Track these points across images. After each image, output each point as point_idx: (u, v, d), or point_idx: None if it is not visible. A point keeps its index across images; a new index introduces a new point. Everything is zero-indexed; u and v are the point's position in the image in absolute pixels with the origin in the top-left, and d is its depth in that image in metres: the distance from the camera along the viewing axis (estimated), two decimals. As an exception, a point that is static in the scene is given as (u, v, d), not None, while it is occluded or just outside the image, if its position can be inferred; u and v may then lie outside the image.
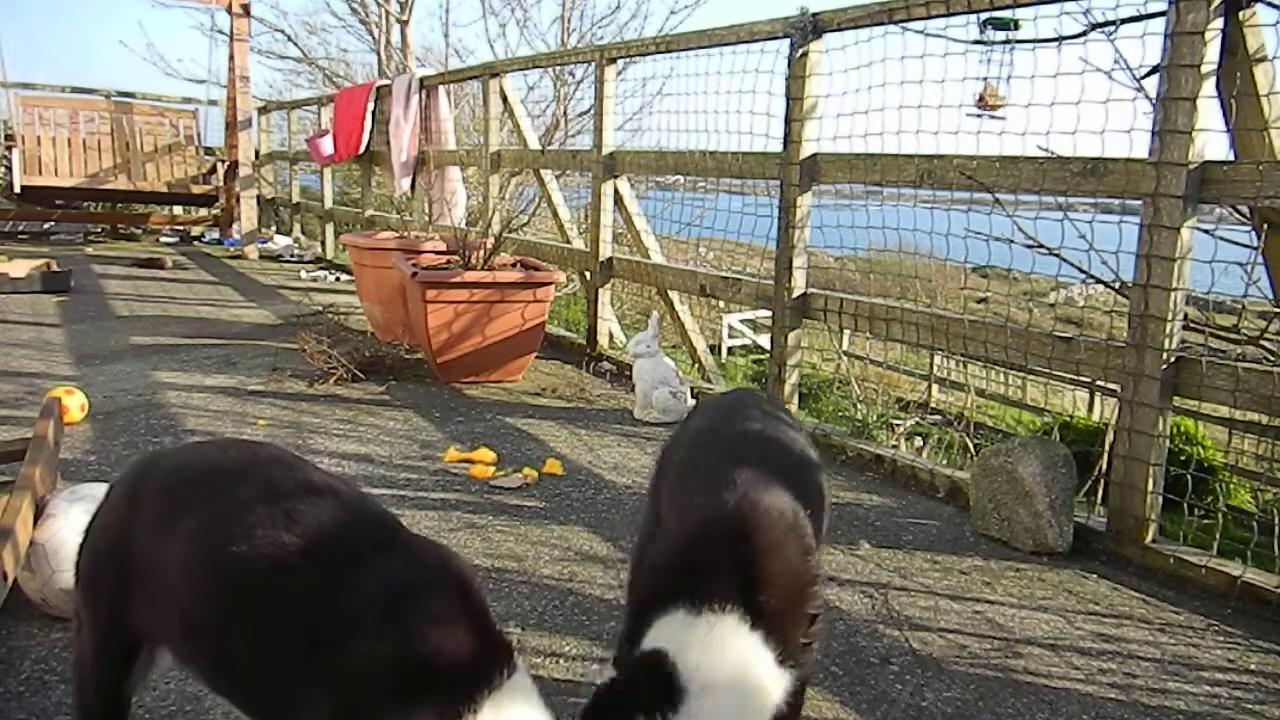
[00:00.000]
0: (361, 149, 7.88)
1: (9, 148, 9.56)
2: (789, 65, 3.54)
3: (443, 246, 4.92)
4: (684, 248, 8.01)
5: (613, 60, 4.82)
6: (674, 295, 4.92)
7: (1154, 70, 2.54)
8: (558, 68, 9.96)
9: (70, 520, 1.93)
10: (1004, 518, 2.66)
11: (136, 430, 3.34)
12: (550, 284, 4.42)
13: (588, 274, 5.09)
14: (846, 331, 4.88)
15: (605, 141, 4.77)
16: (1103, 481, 2.88)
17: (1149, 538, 2.50)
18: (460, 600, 1.11)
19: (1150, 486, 2.49)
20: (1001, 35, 3.17)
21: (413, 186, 7.15)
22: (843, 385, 5.86)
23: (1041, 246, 3.28)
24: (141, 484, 1.31)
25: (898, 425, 4.70)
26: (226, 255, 9.31)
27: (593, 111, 6.24)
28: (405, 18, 12.17)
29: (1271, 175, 2.26)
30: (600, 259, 4.84)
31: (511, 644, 1.12)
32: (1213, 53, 2.35)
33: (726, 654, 1.17)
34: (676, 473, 1.61)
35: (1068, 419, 7.32)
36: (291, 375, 4.20)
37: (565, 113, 10.53)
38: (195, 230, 10.78)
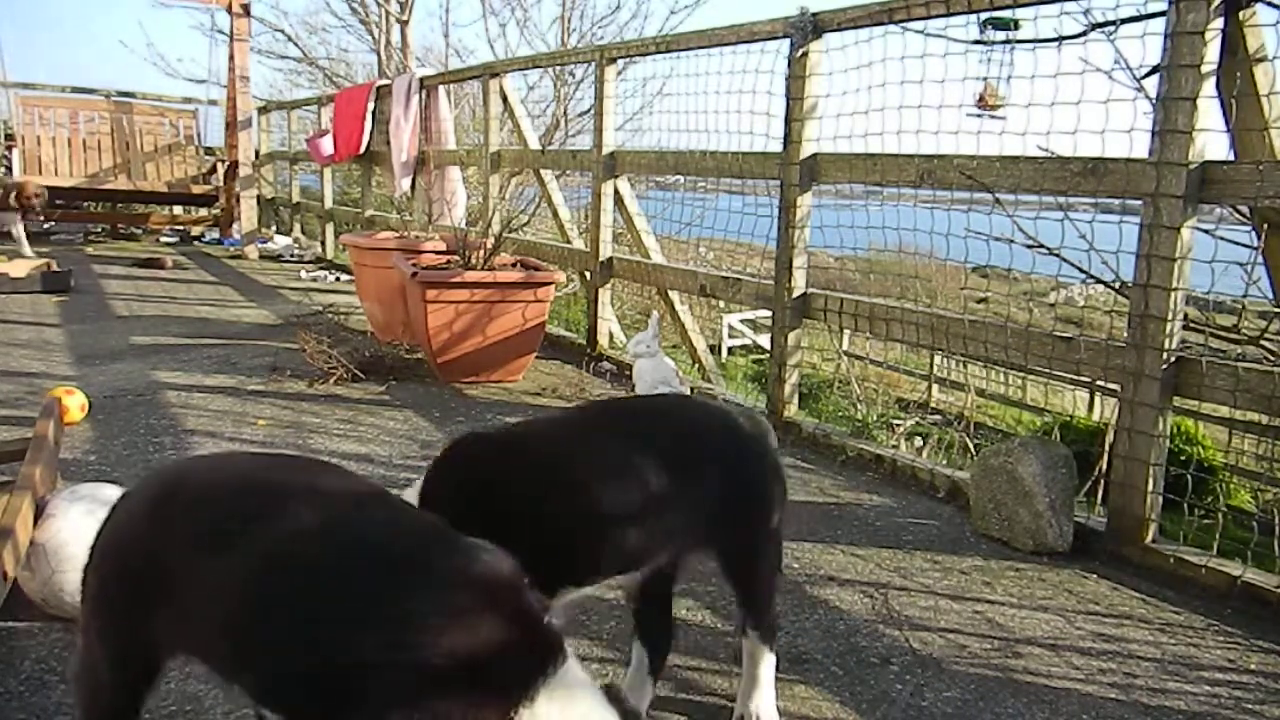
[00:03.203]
0: (361, 149, 7.87)
1: (9, 148, 9.56)
2: (789, 65, 3.54)
3: (443, 246, 4.92)
4: (684, 248, 8.02)
5: (613, 60, 4.82)
6: (674, 295, 4.92)
7: (1154, 70, 2.54)
8: (558, 68, 9.96)
9: (70, 520, 1.93)
10: (1004, 518, 2.66)
11: (136, 430, 3.34)
12: (550, 284, 4.42)
13: (588, 274, 5.09)
14: (846, 331, 4.88)
15: (605, 141, 4.77)
16: (1103, 481, 2.88)
17: (1149, 538, 2.50)
18: (513, 594, 1.13)
19: (1150, 486, 2.48)
20: (1001, 35, 3.17)
21: (413, 186, 7.15)
22: (843, 385, 5.86)
23: (1041, 246, 3.28)
24: (166, 501, 1.27)
25: (898, 425, 4.70)
26: (226, 255, 9.31)
27: (593, 111, 6.24)
28: (405, 18, 12.17)
29: (1271, 175, 2.26)
30: (600, 259, 4.84)
31: (562, 636, 1.14)
32: (1213, 53, 2.35)
33: None
34: None
35: (1068, 419, 7.32)
36: (291, 375, 4.20)
37: (565, 113, 10.54)
38: (195, 230, 10.77)
